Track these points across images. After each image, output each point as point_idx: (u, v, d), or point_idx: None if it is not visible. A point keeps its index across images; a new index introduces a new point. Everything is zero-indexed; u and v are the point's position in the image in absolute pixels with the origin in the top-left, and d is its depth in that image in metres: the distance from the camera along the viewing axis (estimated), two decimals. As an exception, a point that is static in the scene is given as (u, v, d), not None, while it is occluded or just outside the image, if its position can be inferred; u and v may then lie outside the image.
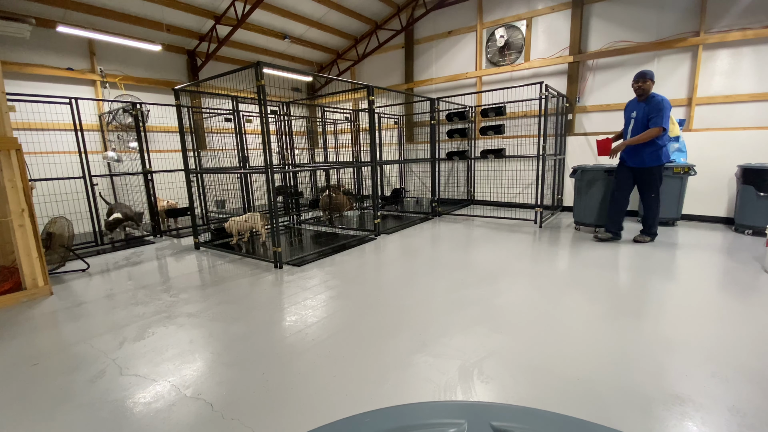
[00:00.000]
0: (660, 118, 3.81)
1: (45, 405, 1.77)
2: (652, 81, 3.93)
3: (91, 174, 4.72)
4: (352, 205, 6.09)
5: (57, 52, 5.76)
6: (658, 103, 3.84)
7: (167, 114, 6.41)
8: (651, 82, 3.94)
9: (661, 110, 3.81)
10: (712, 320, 2.38)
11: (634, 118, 4.06)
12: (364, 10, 7.80)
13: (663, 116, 3.80)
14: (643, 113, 3.96)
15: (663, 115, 3.80)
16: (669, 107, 3.84)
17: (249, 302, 2.92)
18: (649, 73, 3.94)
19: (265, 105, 3.49)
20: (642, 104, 3.99)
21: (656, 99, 3.88)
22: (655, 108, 3.85)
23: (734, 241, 4.26)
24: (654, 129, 3.83)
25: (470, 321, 2.47)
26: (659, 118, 3.82)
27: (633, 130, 4.05)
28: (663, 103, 3.83)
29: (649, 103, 3.92)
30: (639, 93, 3.98)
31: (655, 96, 3.92)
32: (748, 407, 1.59)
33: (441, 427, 0.60)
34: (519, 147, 6.73)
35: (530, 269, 3.48)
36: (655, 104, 3.86)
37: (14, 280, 3.16)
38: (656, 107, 3.85)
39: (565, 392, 1.73)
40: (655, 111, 3.84)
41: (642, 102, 3.99)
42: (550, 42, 6.49)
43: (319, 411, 1.67)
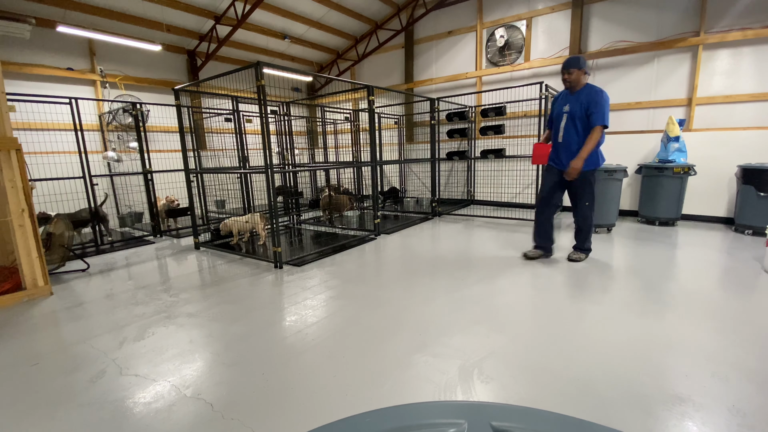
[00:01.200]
0: (601, 115, 3.29)
1: (45, 405, 1.77)
2: (582, 71, 3.38)
3: (91, 174, 4.73)
4: (352, 204, 6.09)
5: (57, 52, 5.76)
6: (597, 96, 3.31)
7: (167, 114, 6.41)
8: (582, 72, 3.39)
9: (601, 104, 3.29)
10: (712, 320, 2.38)
11: (567, 113, 3.46)
12: (364, 10, 7.80)
13: (604, 112, 3.30)
14: (578, 107, 3.38)
15: (604, 111, 3.30)
16: (608, 100, 3.34)
17: (249, 302, 2.92)
18: (578, 62, 3.37)
19: (265, 105, 3.49)
20: (574, 97, 3.43)
21: (593, 90, 3.35)
22: (594, 102, 3.30)
23: (734, 241, 4.26)
24: (597, 129, 3.30)
25: (470, 321, 2.47)
26: (600, 114, 3.28)
27: (566, 127, 3.48)
28: (602, 96, 3.31)
29: (586, 95, 3.36)
30: (568, 86, 3.46)
31: (591, 87, 3.38)
32: (748, 407, 1.59)
33: (441, 427, 0.60)
34: (519, 147, 6.73)
35: (530, 269, 3.48)
36: (594, 97, 3.31)
37: (14, 280, 3.15)
38: (595, 101, 3.30)
39: (565, 392, 1.73)
40: (594, 105, 3.29)
41: (575, 94, 3.45)
42: (550, 42, 6.49)
43: (319, 411, 1.67)
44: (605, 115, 3.29)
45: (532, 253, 3.80)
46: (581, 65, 3.37)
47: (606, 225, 4.83)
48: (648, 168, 5.12)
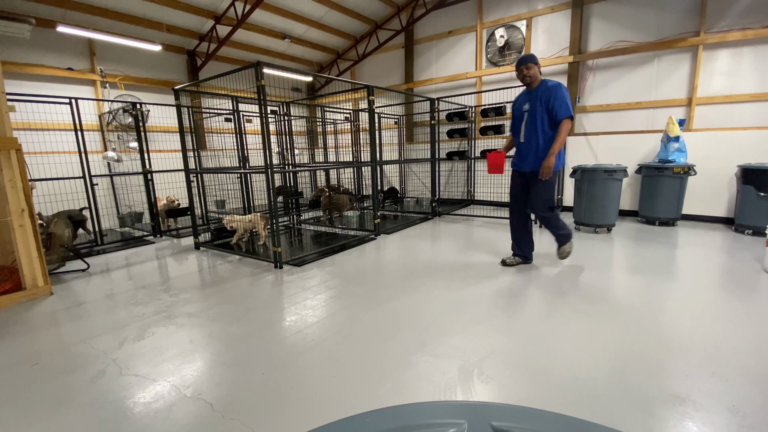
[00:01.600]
0: (565, 107, 3.13)
1: (45, 405, 1.77)
2: (537, 65, 3.28)
3: (91, 174, 4.73)
4: (352, 204, 6.09)
5: (57, 52, 5.76)
6: (557, 90, 3.17)
7: (167, 114, 6.41)
8: (537, 68, 3.29)
9: (563, 97, 3.15)
10: (712, 320, 2.38)
11: (527, 111, 3.32)
12: (364, 10, 7.80)
13: (568, 104, 3.15)
14: (537, 103, 3.24)
15: (568, 103, 3.14)
16: (568, 92, 3.21)
17: (249, 302, 2.92)
18: (534, 57, 3.29)
19: (265, 105, 3.49)
20: (533, 94, 3.29)
21: (551, 84, 3.21)
22: (554, 96, 3.16)
23: (734, 241, 4.26)
24: (565, 122, 3.13)
25: (470, 321, 2.47)
26: (564, 106, 3.13)
27: (527, 125, 3.32)
28: (562, 88, 3.18)
29: (544, 90, 3.22)
30: (527, 82, 3.31)
31: (547, 81, 3.25)
32: (748, 407, 1.59)
33: (441, 427, 0.60)
34: (519, 147, 6.71)
35: (530, 269, 3.48)
36: (553, 91, 3.17)
37: (14, 280, 3.16)
38: (555, 95, 3.16)
39: (565, 392, 1.73)
40: (555, 99, 3.15)
41: (533, 91, 3.31)
42: (550, 42, 6.49)
43: (319, 411, 1.67)
44: (570, 106, 3.16)
45: (511, 260, 3.61)
46: (536, 60, 3.28)
47: (606, 225, 4.83)
48: (648, 168, 5.12)
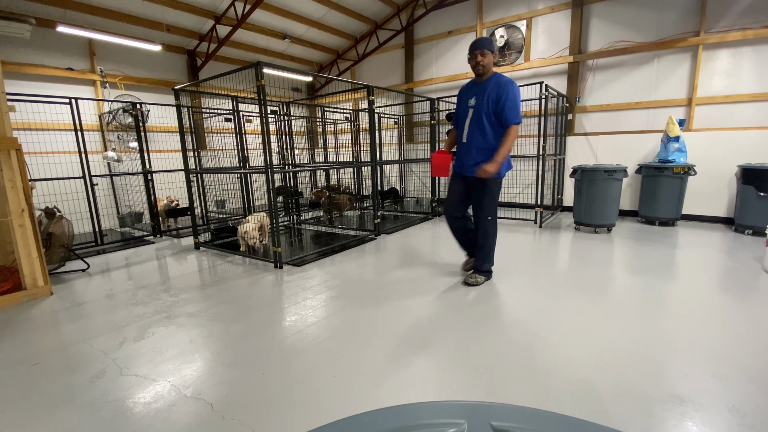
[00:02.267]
0: (515, 112, 2.78)
1: (45, 405, 1.77)
2: (493, 53, 2.88)
3: (91, 174, 4.73)
4: (352, 204, 6.09)
5: (57, 52, 5.76)
6: (509, 89, 2.77)
7: (167, 114, 6.40)
8: (492, 57, 2.87)
9: (514, 99, 2.79)
10: (712, 320, 2.38)
11: (472, 107, 2.91)
12: (364, 10, 7.80)
13: (515, 108, 2.79)
14: (486, 100, 2.83)
15: (518, 107, 2.81)
16: (519, 94, 2.86)
17: (249, 302, 2.92)
18: (491, 43, 2.85)
19: (265, 105, 3.49)
20: (481, 87, 2.88)
21: (503, 81, 2.80)
22: (506, 96, 2.77)
23: (734, 241, 4.26)
24: (513, 129, 2.79)
25: (470, 321, 2.47)
26: (514, 112, 2.77)
27: (471, 122, 2.93)
28: (514, 88, 2.80)
29: (495, 86, 2.82)
30: (479, 72, 2.88)
31: (500, 77, 2.84)
32: (748, 407, 1.59)
33: (441, 427, 0.60)
34: (519, 147, 6.72)
35: (530, 269, 3.48)
36: (505, 90, 2.77)
37: (14, 280, 3.16)
38: (507, 95, 2.77)
39: (565, 392, 1.73)
40: (506, 101, 2.77)
41: (481, 84, 2.90)
42: (550, 42, 6.49)
43: (318, 411, 1.67)
44: (519, 110, 2.83)
45: (468, 265, 3.38)
46: (493, 47, 2.86)
47: (606, 225, 4.83)
48: (648, 168, 5.12)
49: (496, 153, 2.81)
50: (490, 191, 2.97)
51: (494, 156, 2.82)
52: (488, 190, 2.96)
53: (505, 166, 2.96)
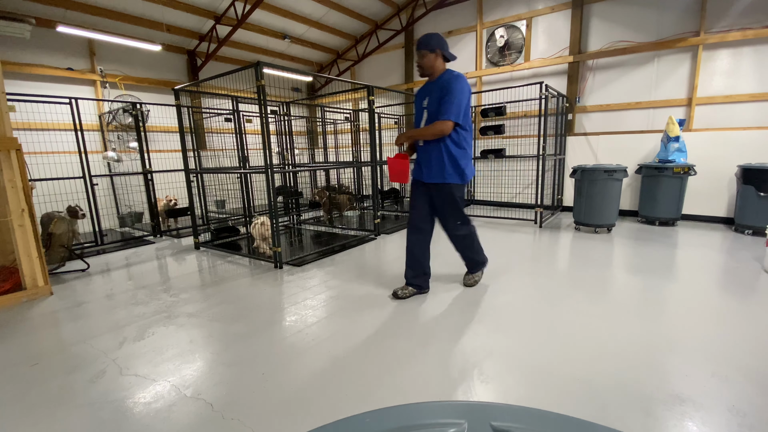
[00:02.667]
0: (449, 106, 2.51)
1: (45, 405, 1.77)
2: (433, 52, 2.60)
3: (91, 174, 4.73)
4: (352, 204, 6.09)
5: (57, 52, 5.76)
6: (451, 85, 2.54)
7: (167, 114, 6.40)
8: (434, 55, 2.61)
9: (453, 94, 2.50)
10: (712, 320, 2.38)
11: (426, 109, 2.69)
12: (364, 10, 7.80)
13: (453, 102, 2.50)
14: (435, 100, 2.61)
15: (453, 101, 2.50)
16: (464, 90, 2.54)
17: (249, 302, 2.92)
18: (428, 42, 2.59)
19: (265, 105, 3.49)
20: (433, 86, 2.66)
21: (450, 77, 2.59)
22: (446, 91, 2.54)
23: (734, 241, 4.26)
24: (445, 123, 2.53)
25: (470, 321, 2.47)
26: (448, 105, 2.52)
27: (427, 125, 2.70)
28: (458, 83, 2.53)
29: (442, 85, 2.60)
30: (422, 74, 2.71)
31: (450, 73, 2.62)
32: (748, 407, 1.59)
33: (441, 427, 0.60)
34: (519, 147, 6.73)
35: (530, 269, 3.48)
36: (447, 87, 2.55)
37: (14, 280, 3.15)
38: (448, 90, 2.53)
39: (565, 392, 1.73)
40: (446, 95, 2.53)
41: (433, 83, 2.69)
42: (550, 42, 6.49)
43: (318, 411, 1.67)
44: (461, 109, 2.54)
45: (403, 292, 2.90)
46: (432, 46, 2.59)
47: (606, 225, 4.83)
48: (648, 168, 5.12)
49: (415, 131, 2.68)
50: (451, 195, 2.73)
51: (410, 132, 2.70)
52: (449, 193, 2.72)
53: (466, 172, 2.71)
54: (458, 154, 2.67)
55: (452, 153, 2.66)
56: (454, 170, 2.68)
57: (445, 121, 2.53)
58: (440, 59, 2.66)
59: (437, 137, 2.60)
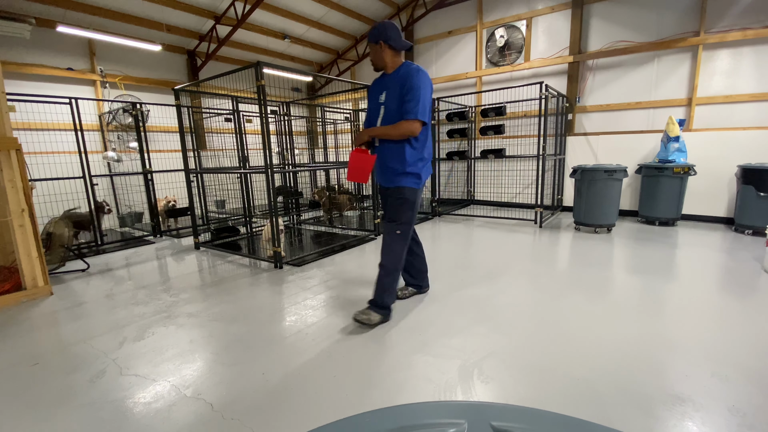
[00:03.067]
0: (414, 104, 2.27)
1: (45, 405, 1.77)
2: (377, 44, 2.36)
3: (91, 174, 4.73)
4: (352, 204, 6.09)
5: (57, 52, 5.76)
6: (412, 79, 2.29)
7: (167, 114, 6.40)
8: (378, 47, 2.37)
9: (416, 89, 2.27)
10: (712, 320, 2.38)
11: (383, 105, 2.44)
12: (364, 10, 7.80)
13: (418, 100, 2.27)
14: (393, 96, 2.37)
15: (417, 98, 2.26)
16: (426, 85, 2.31)
17: (249, 302, 2.92)
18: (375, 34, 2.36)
19: (265, 105, 3.49)
20: (391, 79, 2.42)
21: (410, 70, 2.33)
22: (408, 87, 2.29)
23: (734, 241, 4.26)
24: (411, 123, 2.29)
25: (470, 321, 2.47)
26: (413, 103, 2.27)
27: (384, 122, 2.46)
28: (419, 78, 2.29)
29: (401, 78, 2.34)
30: (374, 68, 2.50)
31: (409, 66, 2.36)
32: (748, 407, 1.59)
33: (441, 427, 0.60)
34: (519, 147, 6.73)
35: (530, 269, 3.48)
36: (409, 82, 2.29)
37: (14, 280, 3.15)
38: (411, 86, 2.28)
39: (565, 392, 1.73)
40: (408, 92, 2.29)
41: (389, 76, 2.44)
42: (550, 42, 6.49)
43: (318, 411, 1.67)
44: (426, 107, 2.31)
45: (403, 293, 2.87)
46: (375, 37, 2.36)
47: (606, 225, 4.83)
48: (648, 168, 5.12)
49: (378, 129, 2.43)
50: (407, 201, 2.46)
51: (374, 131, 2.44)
52: (404, 199, 2.46)
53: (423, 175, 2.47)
54: (413, 156, 2.42)
55: (409, 154, 2.41)
56: (410, 173, 2.43)
57: (413, 121, 2.30)
58: (389, 51, 2.39)
59: (404, 138, 2.36)
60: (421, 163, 2.47)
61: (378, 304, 2.47)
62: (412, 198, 2.47)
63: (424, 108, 2.32)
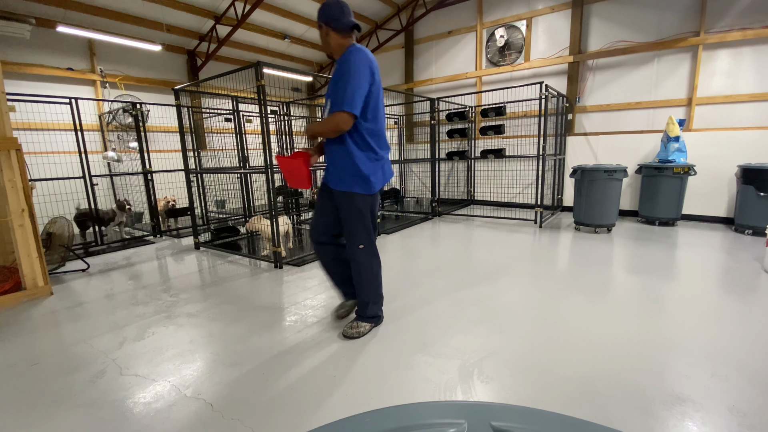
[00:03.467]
0: (342, 93, 1.96)
1: (45, 405, 1.77)
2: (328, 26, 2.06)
3: (91, 174, 4.72)
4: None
5: (57, 52, 5.76)
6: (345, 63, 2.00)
7: (167, 114, 6.41)
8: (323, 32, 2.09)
9: (345, 74, 1.97)
10: (712, 320, 2.38)
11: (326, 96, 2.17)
12: (364, 10, 7.80)
13: (346, 87, 1.95)
14: (332, 84, 2.09)
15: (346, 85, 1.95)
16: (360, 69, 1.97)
17: (249, 302, 2.92)
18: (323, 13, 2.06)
19: (265, 105, 3.49)
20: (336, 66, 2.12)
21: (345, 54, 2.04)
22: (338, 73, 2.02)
23: (734, 241, 4.26)
24: (331, 116, 2.00)
25: (470, 321, 2.47)
26: (341, 92, 1.97)
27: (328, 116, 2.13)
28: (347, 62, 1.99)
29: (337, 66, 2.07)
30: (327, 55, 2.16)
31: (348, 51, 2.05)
32: (748, 407, 1.59)
33: (441, 427, 0.60)
34: (519, 147, 6.73)
35: (530, 269, 3.48)
36: (338, 66, 2.03)
37: (14, 280, 3.15)
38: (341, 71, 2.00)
39: (565, 392, 1.73)
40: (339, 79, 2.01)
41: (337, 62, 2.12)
42: (550, 42, 6.49)
43: (318, 411, 1.67)
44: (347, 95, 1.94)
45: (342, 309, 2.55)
46: (319, 20, 2.09)
47: (606, 225, 4.83)
48: (648, 168, 5.12)
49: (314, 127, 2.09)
50: (356, 210, 2.16)
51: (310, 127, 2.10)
52: (352, 208, 2.16)
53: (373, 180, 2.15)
54: (359, 156, 2.09)
55: (352, 154, 2.09)
56: (356, 176, 2.11)
57: (338, 113, 1.96)
58: (333, 34, 2.07)
59: (337, 134, 2.04)
60: (371, 163, 2.13)
61: (366, 316, 2.37)
62: (363, 206, 2.16)
63: (353, 96, 1.94)
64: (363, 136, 2.10)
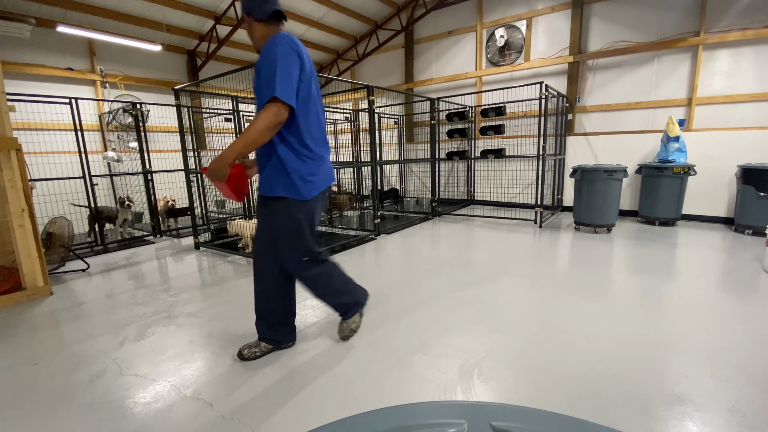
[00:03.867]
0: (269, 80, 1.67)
1: (45, 405, 1.77)
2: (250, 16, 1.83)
3: (91, 174, 4.72)
4: (352, 204, 6.09)
5: (57, 52, 5.76)
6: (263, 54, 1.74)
7: (167, 114, 6.40)
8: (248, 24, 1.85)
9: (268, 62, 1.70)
10: (712, 320, 2.38)
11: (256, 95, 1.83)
12: (364, 10, 7.80)
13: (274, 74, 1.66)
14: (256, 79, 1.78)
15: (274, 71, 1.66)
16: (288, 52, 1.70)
17: (249, 302, 2.92)
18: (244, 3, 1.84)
19: (265, 105, 3.48)
20: None
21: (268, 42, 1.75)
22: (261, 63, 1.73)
23: (734, 241, 4.26)
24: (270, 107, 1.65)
25: (470, 321, 2.47)
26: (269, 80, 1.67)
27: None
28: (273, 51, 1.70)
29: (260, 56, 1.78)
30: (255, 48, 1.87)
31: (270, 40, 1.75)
32: (748, 407, 1.59)
33: (441, 427, 0.60)
34: (519, 147, 6.73)
35: (530, 269, 3.48)
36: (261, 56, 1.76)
37: (14, 280, 3.15)
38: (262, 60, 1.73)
39: (565, 392, 1.73)
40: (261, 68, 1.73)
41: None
42: (550, 42, 6.49)
43: (318, 411, 1.67)
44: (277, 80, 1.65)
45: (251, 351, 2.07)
46: (243, 10, 1.85)
47: (606, 225, 4.83)
48: (648, 168, 5.12)
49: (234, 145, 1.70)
50: (288, 220, 1.87)
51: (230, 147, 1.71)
52: (285, 219, 1.86)
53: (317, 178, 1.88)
54: (288, 155, 1.80)
55: (283, 153, 1.79)
56: (287, 179, 1.81)
57: (272, 103, 1.65)
58: (256, 24, 1.83)
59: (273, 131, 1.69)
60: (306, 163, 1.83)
61: (348, 312, 2.23)
62: (300, 214, 1.86)
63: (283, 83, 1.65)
64: (294, 132, 1.79)
